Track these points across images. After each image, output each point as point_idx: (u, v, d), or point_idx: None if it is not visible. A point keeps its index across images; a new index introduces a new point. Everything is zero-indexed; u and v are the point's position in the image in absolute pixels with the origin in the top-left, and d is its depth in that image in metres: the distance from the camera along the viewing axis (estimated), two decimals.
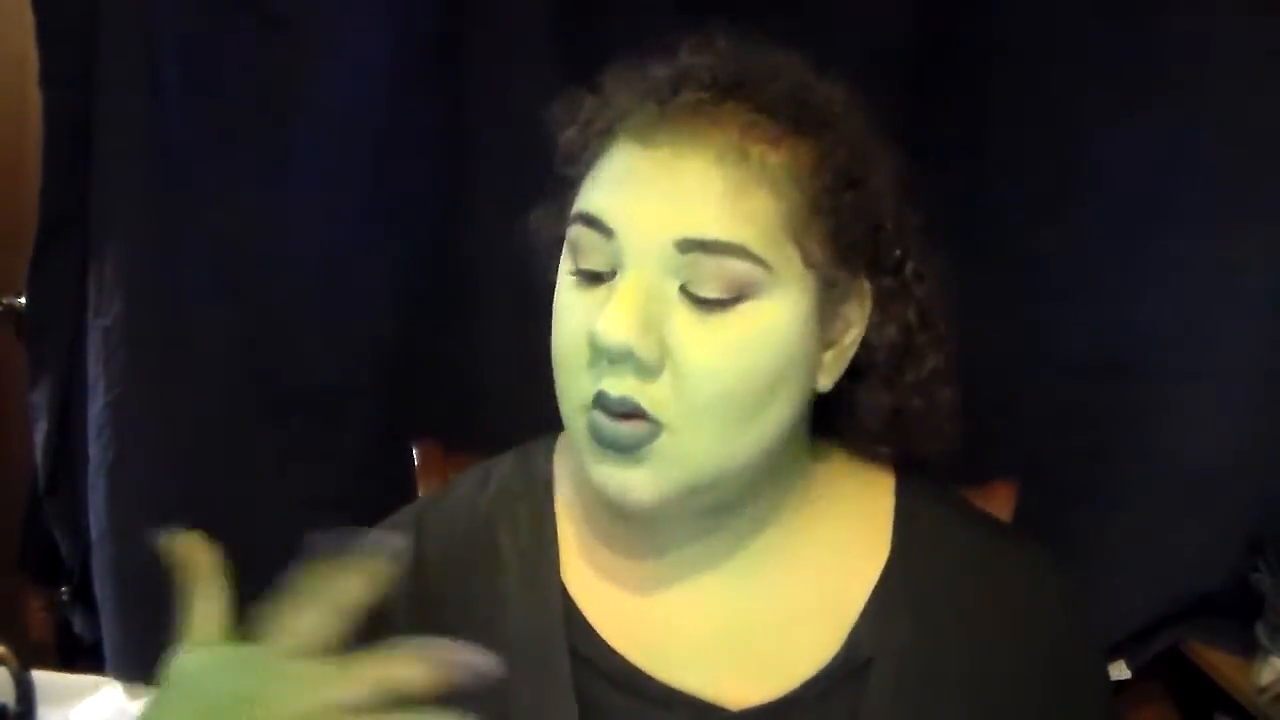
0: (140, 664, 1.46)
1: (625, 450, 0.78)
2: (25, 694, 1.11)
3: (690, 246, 0.77)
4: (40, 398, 1.51)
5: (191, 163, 1.42)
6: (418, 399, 1.55)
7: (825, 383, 0.84)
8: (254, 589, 1.67)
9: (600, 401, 0.78)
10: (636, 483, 0.79)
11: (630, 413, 0.78)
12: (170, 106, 1.40)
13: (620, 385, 0.78)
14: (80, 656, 1.58)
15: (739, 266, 0.77)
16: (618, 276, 0.79)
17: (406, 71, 1.47)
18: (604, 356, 0.77)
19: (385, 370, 1.55)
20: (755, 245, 0.77)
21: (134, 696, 1.42)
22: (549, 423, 0.94)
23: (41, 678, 1.27)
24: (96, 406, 1.43)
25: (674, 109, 0.80)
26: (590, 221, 0.80)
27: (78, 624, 1.56)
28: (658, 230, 0.78)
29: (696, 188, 0.78)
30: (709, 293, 0.78)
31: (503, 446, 0.97)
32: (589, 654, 0.84)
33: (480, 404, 1.56)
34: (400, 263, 1.52)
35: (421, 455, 1.20)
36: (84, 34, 1.39)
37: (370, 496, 1.61)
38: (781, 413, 0.81)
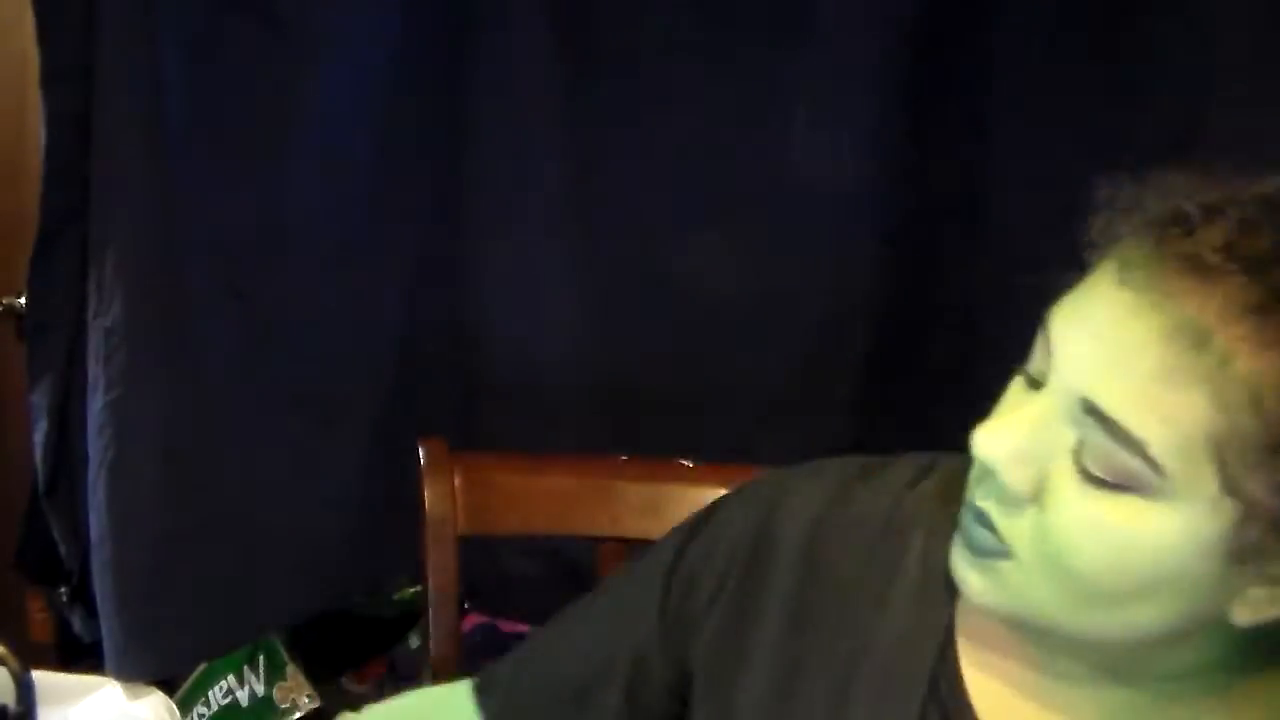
0: (140, 664, 1.46)
1: (975, 551, 0.74)
2: (25, 694, 1.10)
3: (1091, 410, 0.69)
4: (40, 398, 1.50)
5: (191, 162, 1.42)
6: (420, 398, 1.55)
7: (1244, 618, 0.71)
8: (254, 589, 1.67)
9: (971, 508, 0.75)
10: (974, 582, 0.75)
11: (990, 526, 0.74)
12: (170, 106, 1.40)
13: (984, 499, 0.74)
14: (80, 656, 1.58)
15: (1129, 460, 0.68)
16: (1038, 394, 0.73)
17: (406, 71, 1.47)
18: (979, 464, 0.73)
19: (387, 370, 1.55)
20: (1158, 448, 0.67)
21: (134, 696, 1.41)
22: (549, 423, 0.94)
23: (41, 678, 1.27)
24: (96, 406, 1.43)
25: (1160, 253, 0.68)
26: (1045, 327, 0.73)
27: (77, 624, 1.56)
28: (1072, 375, 0.70)
29: (1128, 356, 0.67)
30: (1093, 467, 0.69)
31: (504, 447, 0.97)
32: (946, 699, 0.80)
33: (482, 404, 1.56)
34: (401, 262, 1.52)
35: (427, 454, 1.20)
36: (84, 34, 1.39)
37: (373, 497, 1.62)
38: (1142, 619, 0.72)
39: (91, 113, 1.42)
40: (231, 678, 1.56)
